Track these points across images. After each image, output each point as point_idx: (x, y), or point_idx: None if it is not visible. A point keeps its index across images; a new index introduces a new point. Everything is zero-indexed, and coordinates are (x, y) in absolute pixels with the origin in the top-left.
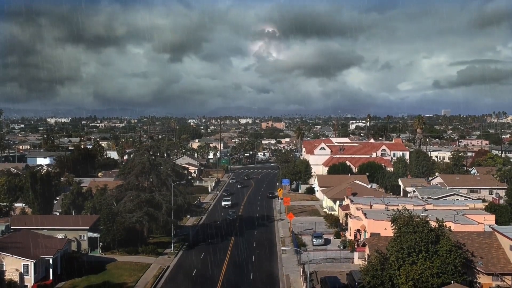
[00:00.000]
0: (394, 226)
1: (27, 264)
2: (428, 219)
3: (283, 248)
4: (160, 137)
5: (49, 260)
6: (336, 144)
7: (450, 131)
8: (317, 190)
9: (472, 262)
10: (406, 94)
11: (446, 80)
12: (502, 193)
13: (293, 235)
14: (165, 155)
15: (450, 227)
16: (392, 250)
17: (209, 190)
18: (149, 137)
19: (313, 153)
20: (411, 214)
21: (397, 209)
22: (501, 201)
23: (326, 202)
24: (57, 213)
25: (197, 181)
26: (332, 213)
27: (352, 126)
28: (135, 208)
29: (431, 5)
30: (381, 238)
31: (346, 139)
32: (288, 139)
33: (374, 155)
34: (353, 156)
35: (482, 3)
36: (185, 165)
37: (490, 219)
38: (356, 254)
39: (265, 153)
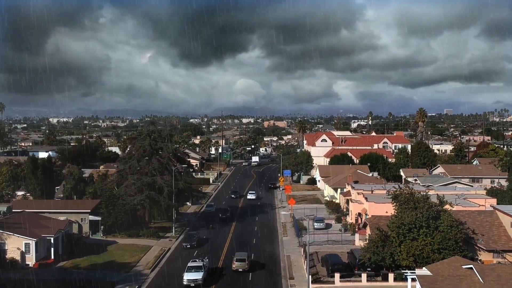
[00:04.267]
0: (395, 203)
1: (29, 243)
2: (428, 196)
3: (283, 212)
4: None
5: (50, 239)
6: (337, 136)
7: (452, 129)
8: (319, 181)
9: (473, 239)
10: None
11: None
12: (503, 182)
13: (294, 220)
14: (167, 141)
15: (451, 202)
16: (392, 226)
17: (211, 181)
18: (150, 123)
19: (315, 144)
20: (412, 191)
21: (398, 186)
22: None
23: (327, 191)
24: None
25: (199, 173)
26: (333, 200)
27: (354, 125)
28: (136, 191)
29: None
30: (382, 218)
31: (347, 132)
32: (290, 136)
33: (375, 146)
34: (354, 147)
35: None
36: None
37: (492, 202)
38: (357, 236)
39: (267, 149)
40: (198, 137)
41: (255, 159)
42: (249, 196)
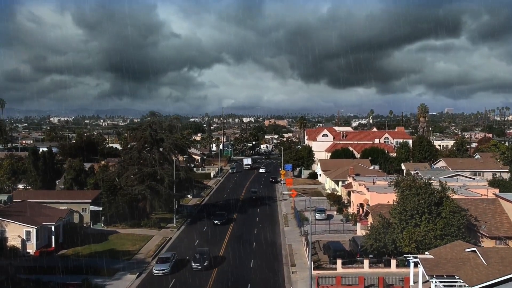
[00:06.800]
0: (397, 190)
1: (29, 231)
2: (431, 182)
3: (285, 192)
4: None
5: (51, 227)
6: (338, 131)
7: (453, 128)
8: (320, 175)
9: (476, 226)
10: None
11: None
12: (505, 175)
13: (296, 211)
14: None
15: (453, 188)
16: (395, 212)
17: (212, 176)
18: (151, 114)
19: (316, 139)
20: (414, 178)
21: (400, 174)
22: None
23: (329, 184)
24: None
25: (200, 168)
26: (335, 193)
27: (355, 123)
28: (137, 182)
29: None
30: (384, 206)
31: (348, 128)
32: (290, 134)
33: (376, 141)
34: (355, 142)
35: None
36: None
37: (494, 191)
38: (358, 225)
39: (268, 146)
40: (199, 134)
41: (247, 161)
42: (261, 170)
